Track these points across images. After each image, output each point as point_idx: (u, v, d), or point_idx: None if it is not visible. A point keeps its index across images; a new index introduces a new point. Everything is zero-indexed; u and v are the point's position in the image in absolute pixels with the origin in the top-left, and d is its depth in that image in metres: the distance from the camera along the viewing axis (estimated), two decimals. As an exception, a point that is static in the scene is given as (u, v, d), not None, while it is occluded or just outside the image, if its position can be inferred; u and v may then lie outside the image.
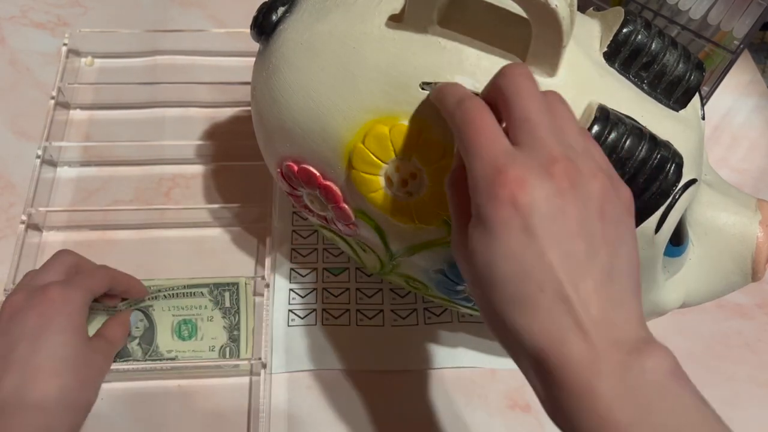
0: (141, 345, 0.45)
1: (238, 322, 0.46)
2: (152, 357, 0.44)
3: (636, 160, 0.31)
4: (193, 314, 0.46)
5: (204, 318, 0.46)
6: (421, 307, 0.50)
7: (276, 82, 0.37)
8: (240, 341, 0.45)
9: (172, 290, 0.46)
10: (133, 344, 0.44)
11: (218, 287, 0.46)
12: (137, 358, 0.44)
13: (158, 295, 0.46)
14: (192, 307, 0.46)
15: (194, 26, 0.63)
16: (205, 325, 0.45)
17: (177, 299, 0.46)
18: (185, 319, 0.45)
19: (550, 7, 0.29)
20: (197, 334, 0.45)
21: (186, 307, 0.46)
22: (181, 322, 0.45)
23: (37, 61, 0.60)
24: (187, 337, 0.45)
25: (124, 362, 0.44)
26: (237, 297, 0.46)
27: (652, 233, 0.34)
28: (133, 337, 0.45)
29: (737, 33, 0.53)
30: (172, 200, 0.54)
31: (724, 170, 0.59)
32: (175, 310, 0.46)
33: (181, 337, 0.45)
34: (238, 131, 0.57)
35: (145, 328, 0.45)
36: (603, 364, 0.25)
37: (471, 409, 0.46)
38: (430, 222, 0.35)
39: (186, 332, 0.45)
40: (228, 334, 0.45)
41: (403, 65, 0.33)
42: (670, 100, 0.35)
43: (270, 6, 0.39)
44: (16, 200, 0.52)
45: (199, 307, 0.46)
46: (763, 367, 0.49)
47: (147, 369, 0.44)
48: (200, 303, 0.46)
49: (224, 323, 0.46)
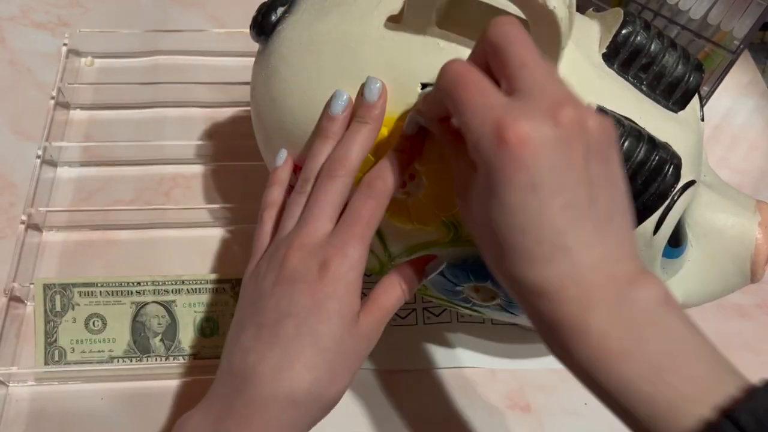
0: (164, 341, 0.45)
1: None
2: (174, 353, 0.45)
3: (634, 161, 0.31)
4: (215, 311, 0.46)
5: (226, 315, 0.46)
6: (420, 307, 0.50)
7: (275, 82, 0.37)
8: None
9: (194, 284, 0.46)
10: (156, 340, 0.45)
11: (240, 283, 0.46)
12: (160, 354, 0.45)
13: (181, 289, 0.46)
14: (215, 304, 0.46)
15: (194, 26, 0.63)
16: (226, 322, 0.46)
17: (199, 295, 0.46)
18: (207, 316, 0.46)
19: (548, 9, 0.29)
20: (219, 330, 0.45)
21: (208, 304, 0.46)
22: (203, 319, 0.45)
23: (37, 62, 0.60)
24: (209, 333, 0.45)
25: (147, 359, 0.44)
26: None
27: (651, 235, 0.34)
28: (155, 333, 0.45)
29: (737, 33, 0.53)
30: (172, 200, 0.54)
31: (724, 171, 0.59)
32: (197, 306, 0.46)
33: (203, 334, 0.45)
34: (238, 131, 0.57)
35: (167, 324, 0.45)
36: (596, 299, 0.26)
37: (471, 409, 0.46)
38: (428, 222, 0.35)
39: (208, 329, 0.45)
40: None
41: (402, 66, 0.33)
42: (669, 102, 0.35)
43: (269, 6, 0.39)
44: (16, 200, 0.52)
45: (221, 303, 0.46)
46: (764, 367, 0.49)
47: (172, 367, 0.45)
48: (222, 299, 0.46)
49: None
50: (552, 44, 0.31)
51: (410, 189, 0.34)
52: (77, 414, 0.44)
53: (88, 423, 0.44)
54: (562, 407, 0.46)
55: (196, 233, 0.52)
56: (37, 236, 0.51)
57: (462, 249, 0.36)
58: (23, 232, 0.48)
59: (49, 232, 0.51)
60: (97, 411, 0.44)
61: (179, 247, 0.51)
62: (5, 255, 0.48)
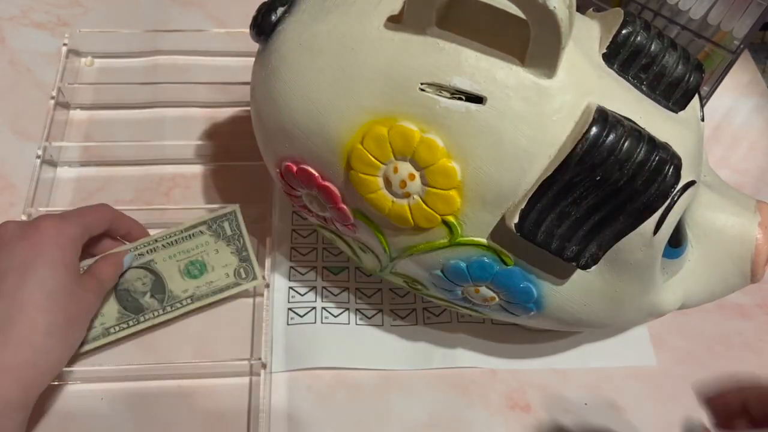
0: (154, 296, 0.44)
1: (244, 245, 0.46)
2: (170, 302, 0.45)
3: (634, 162, 0.31)
4: (198, 253, 0.46)
5: (210, 252, 0.46)
6: (420, 307, 0.50)
7: (275, 82, 0.37)
8: (251, 260, 0.45)
9: (169, 238, 0.46)
10: (146, 298, 0.44)
11: (216, 220, 0.46)
12: (155, 308, 0.45)
13: (156, 247, 0.46)
14: (195, 247, 0.46)
15: (194, 26, 0.63)
16: (213, 258, 0.46)
17: (177, 245, 0.46)
18: (191, 260, 0.45)
19: (549, 9, 0.29)
20: (207, 268, 0.45)
21: (189, 250, 0.46)
22: (188, 264, 0.45)
23: (37, 62, 0.60)
24: (198, 275, 0.45)
25: (144, 317, 0.44)
26: (237, 223, 0.46)
27: (651, 235, 0.34)
28: (142, 293, 0.44)
29: (737, 33, 0.53)
30: (172, 200, 0.54)
31: (724, 170, 0.59)
32: (178, 255, 0.45)
33: (192, 277, 0.45)
34: (238, 131, 0.57)
35: (152, 281, 0.45)
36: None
37: (471, 409, 0.46)
38: (428, 223, 0.35)
39: (196, 271, 0.45)
40: (238, 257, 0.46)
41: (402, 66, 0.33)
42: (669, 102, 0.35)
43: (269, 6, 0.39)
44: (16, 200, 0.52)
45: (202, 245, 0.46)
46: (764, 367, 0.49)
47: (171, 315, 0.45)
48: (202, 241, 0.46)
49: (231, 249, 0.46)
50: (552, 44, 0.31)
51: (410, 190, 0.34)
52: (77, 414, 0.44)
53: (88, 423, 0.44)
54: (562, 407, 0.46)
55: (196, 233, 0.52)
56: (37, 236, 0.51)
57: (462, 249, 0.36)
58: (23, 232, 0.48)
59: (49, 232, 0.51)
60: (97, 411, 0.44)
61: (179, 247, 0.51)
62: (5, 255, 0.48)
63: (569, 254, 0.34)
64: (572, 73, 0.33)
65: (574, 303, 0.37)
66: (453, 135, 0.33)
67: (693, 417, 0.37)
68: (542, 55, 0.31)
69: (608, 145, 0.31)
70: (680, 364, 0.49)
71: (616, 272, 0.36)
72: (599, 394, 0.47)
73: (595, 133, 0.31)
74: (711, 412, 0.31)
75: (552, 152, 0.33)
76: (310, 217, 0.43)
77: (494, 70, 0.32)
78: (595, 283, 0.36)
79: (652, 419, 0.46)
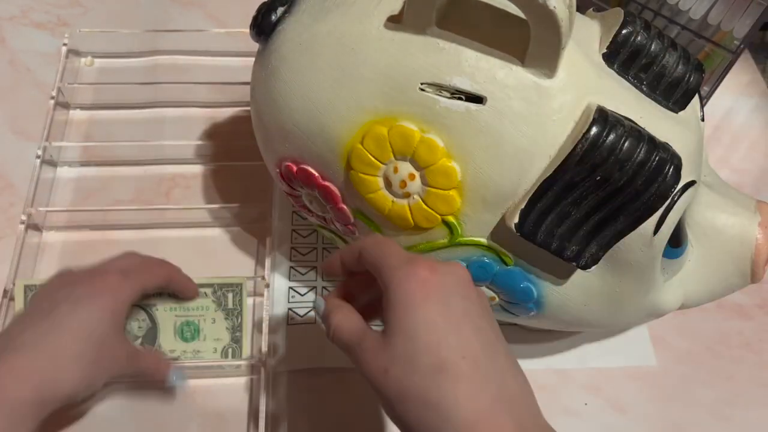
0: (144, 345, 0.45)
1: (241, 323, 0.46)
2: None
3: (634, 161, 0.31)
4: (196, 315, 0.46)
5: (207, 319, 0.46)
6: (420, 307, 0.50)
7: (275, 82, 0.37)
8: (242, 342, 0.45)
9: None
10: (137, 344, 0.45)
11: (222, 288, 0.46)
12: None
13: (162, 293, 0.46)
14: (195, 309, 0.46)
15: (194, 26, 0.63)
16: (208, 327, 0.45)
17: (179, 299, 0.46)
18: (188, 320, 0.45)
19: (549, 9, 0.29)
20: (200, 335, 0.45)
21: (189, 308, 0.46)
22: (184, 323, 0.45)
23: (37, 61, 0.60)
24: (189, 338, 0.45)
25: None
26: (240, 298, 0.46)
27: (651, 235, 0.34)
28: (135, 337, 0.45)
29: (737, 33, 0.53)
30: (172, 200, 0.54)
31: (725, 170, 0.59)
32: (178, 310, 0.46)
33: (183, 338, 0.45)
34: (238, 131, 0.57)
35: (148, 328, 0.45)
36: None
37: (470, 409, 0.46)
38: (428, 223, 0.35)
39: (189, 333, 0.45)
40: (230, 335, 0.45)
41: (402, 66, 0.33)
42: (669, 102, 0.35)
43: (269, 6, 0.39)
44: (16, 200, 0.52)
45: (202, 308, 0.46)
46: (764, 367, 0.49)
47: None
48: (203, 304, 0.46)
49: (227, 324, 0.46)
50: (552, 44, 0.31)
51: (410, 189, 0.34)
52: (77, 414, 0.44)
53: (88, 423, 0.44)
54: (562, 407, 0.46)
55: (195, 233, 0.52)
56: (37, 236, 0.51)
57: (462, 249, 0.36)
58: (23, 232, 0.48)
59: (49, 232, 0.51)
60: (97, 411, 0.44)
61: (179, 248, 0.51)
62: (5, 255, 0.48)
63: (569, 254, 0.34)
64: (572, 73, 0.33)
65: (574, 303, 0.37)
66: (453, 135, 0.33)
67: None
68: (542, 55, 0.31)
69: (608, 145, 0.31)
70: (680, 364, 0.49)
71: (616, 272, 0.36)
72: (599, 394, 0.47)
73: (595, 133, 0.31)
74: (324, 275, 0.41)
75: (552, 152, 0.33)
76: (310, 217, 0.43)
77: (494, 70, 0.32)
78: (595, 283, 0.36)
79: (652, 419, 0.46)
